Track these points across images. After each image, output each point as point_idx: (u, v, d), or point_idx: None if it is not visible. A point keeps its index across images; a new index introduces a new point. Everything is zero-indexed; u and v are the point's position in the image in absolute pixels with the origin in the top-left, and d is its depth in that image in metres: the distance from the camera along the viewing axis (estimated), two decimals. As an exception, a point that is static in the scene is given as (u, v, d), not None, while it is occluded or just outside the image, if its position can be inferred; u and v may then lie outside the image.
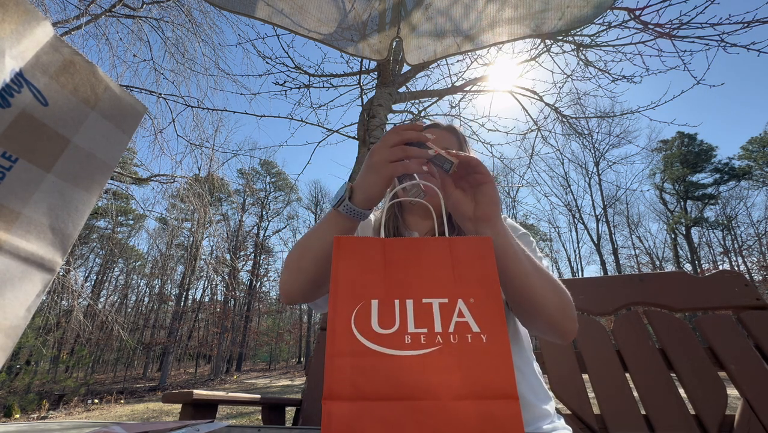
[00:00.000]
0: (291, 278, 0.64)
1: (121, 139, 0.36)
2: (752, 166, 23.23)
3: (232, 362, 21.75)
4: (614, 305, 1.15)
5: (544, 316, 0.57)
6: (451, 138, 0.83)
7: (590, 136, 4.46)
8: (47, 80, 0.31)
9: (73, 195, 0.32)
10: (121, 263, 25.14)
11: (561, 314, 0.57)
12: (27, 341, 11.50)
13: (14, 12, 0.29)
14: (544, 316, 0.57)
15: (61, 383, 13.59)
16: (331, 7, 1.39)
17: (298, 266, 0.63)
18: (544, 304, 0.56)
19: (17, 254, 0.28)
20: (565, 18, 1.25)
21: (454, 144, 0.82)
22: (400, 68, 3.19)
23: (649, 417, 0.96)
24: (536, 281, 0.56)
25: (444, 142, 0.81)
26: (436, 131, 0.84)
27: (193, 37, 6.04)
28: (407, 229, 0.84)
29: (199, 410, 1.02)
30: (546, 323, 0.58)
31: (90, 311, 11.34)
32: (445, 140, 0.82)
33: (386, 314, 0.39)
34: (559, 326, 0.58)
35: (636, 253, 25.74)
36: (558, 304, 0.57)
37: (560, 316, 0.57)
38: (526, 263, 0.56)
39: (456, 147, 0.82)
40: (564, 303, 0.58)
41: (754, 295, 1.06)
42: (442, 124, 0.87)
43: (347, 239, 0.45)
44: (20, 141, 0.29)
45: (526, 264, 0.56)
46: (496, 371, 0.36)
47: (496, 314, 0.39)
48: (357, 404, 0.34)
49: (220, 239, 10.20)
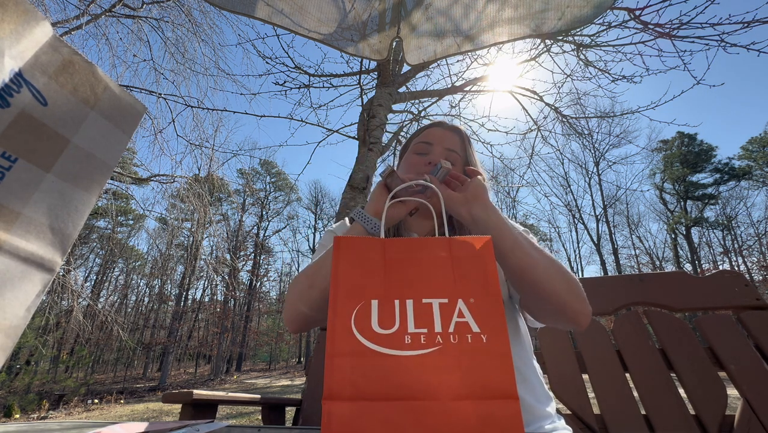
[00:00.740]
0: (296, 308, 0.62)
1: (120, 139, 0.36)
2: (752, 166, 23.23)
3: (232, 362, 21.75)
4: (614, 305, 1.15)
5: (552, 296, 0.56)
6: (454, 138, 0.83)
7: (590, 136, 4.45)
8: (46, 80, 0.31)
9: (73, 195, 0.32)
10: (121, 263, 25.15)
11: (568, 293, 0.56)
12: (27, 341, 11.50)
13: (13, 12, 0.29)
14: (553, 296, 0.56)
15: (61, 383, 13.59)
16: (331, 7, 1.39)
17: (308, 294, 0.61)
18: (548, 281, 0.55)
19: (17, 254, 0.28)
20: (565, 18, 1.25)
21: (456, 143, 0.82)
22: (400, 68, 3.19)
23: (649, 417, 0.96)
24: (538, 261, 0.56)
25: (447, 142, 0.82)
26: (438, 131, 0.84)
27: (193, 37, 6.04)
28: (407, 230, 0.84)
29: (199, 410, 1.02)
30: (555, 304, 0.57)
31: (90, 311, 11.34)
32: (447, 140, 0.82)
33: (386, 314, 0.39)
34: (569, 307, 0.57)
35: (636, 253, 25.75)
36: (563, 282, 0.56)
37: (568, 295, 0.56)
38: (522, 240, 0.57)
39: (458, 147, 0.82)
40: (570, 281, 0.57)
41: (754, 295, 1.06)
42: (446, 124, 0.87)
43: (347, 239, 0.45)
44: (20, 141, 0.29)
45: (523, 241, 0.57)
46: (496, 371, 0.36)
47: (496, 314, 0.39)
48: (357, 404, 0.34)
49: (220, 238, 10.20)
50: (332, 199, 28.38)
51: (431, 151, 0.81)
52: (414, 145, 0.85)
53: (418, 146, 0.83)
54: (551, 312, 0.60)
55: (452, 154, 0.81)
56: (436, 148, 0.81)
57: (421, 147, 0.83)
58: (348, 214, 2.37)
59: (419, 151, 0.82)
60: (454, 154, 0.81)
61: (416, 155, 0.82)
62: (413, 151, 0.84)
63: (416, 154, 0.82)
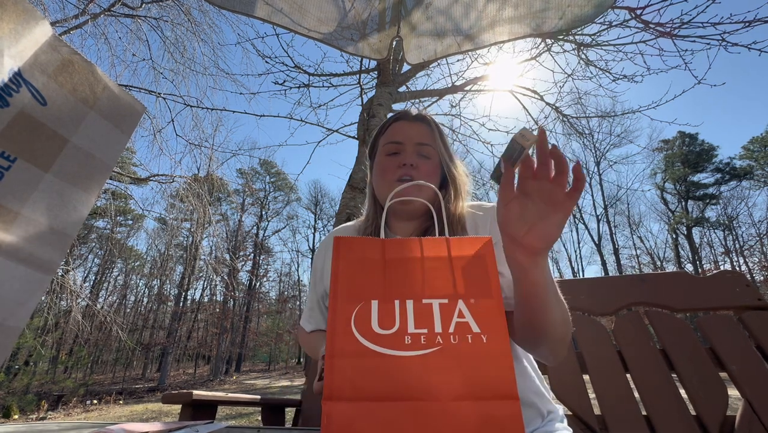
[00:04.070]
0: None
1: (119, 138, 0.36)
2: (753, 166, 23.23)
3: (231, 363, 21.74)
4: (615, 305, 1.14)
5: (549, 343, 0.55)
6: (423, 129, 0.76)
7: (591, 135, 4.46)
8: (46, 80, 0.31)
9: (72, 195, 0.32)
10: (120, 263, 25.13)
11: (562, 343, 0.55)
12: (26, 342, 11.49)
13: (13, 11, 0.29)
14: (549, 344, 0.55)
15: (59, 384, 13.58)
16: (331, 6, 1.39)
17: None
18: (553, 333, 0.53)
19: (16, 254, 0.28)
20: (565, 17, 1.25)
21: (427, 135, 0.75)
22: (400, 68, 3.19)
23: (650, 418, 0.96)
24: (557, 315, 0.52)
25: (417, 136, 0.75)
26: (405, 125, 0.77)
27: (193, 37, 6.04)
28: (390, 232, 0.79)
29: (199, 410, 1.02)
30: (547, 349, 0.56)
31: (89, 312, 11.33)
32: (417, 134, 0.75)
33: (386, 314, 0.39)
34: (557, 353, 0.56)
35: (637, 253, 25.75)
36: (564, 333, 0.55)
37: (561, 345, 0.55)
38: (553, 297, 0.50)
39: (430, 138, 0.75)
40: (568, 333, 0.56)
41: (755, 295, 1.06)
42: (411, 114, 0.79)
43: (347, 239, 0.45)
44: (19, 141, 0.29)
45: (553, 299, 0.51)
46: (496, 372, 0.36)
47: (496, 315, 0.39)
48: (357, 405, 0.34)
49: (220, 239, 10.20)
50: (332, 199, 28.39)
51: (402, 150, 0.75)
52: (383, 146, 0.78)
53: (388, 147, 0.76)
54: (532, 343, 0.58)
55: (425, 148, 0.74)
56: (407, 147, 0.74)
57: (390, 147, 0.76)
58: (348, 214, 2.37)
59: (390, 152, 0.76)
60: (427, 148, 0.75)
61: (387, 157, 0.76)
62: (383, 153, 0.77)
63: (387, 156, 0.76)
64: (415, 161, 0.73)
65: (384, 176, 0.74)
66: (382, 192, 0.75)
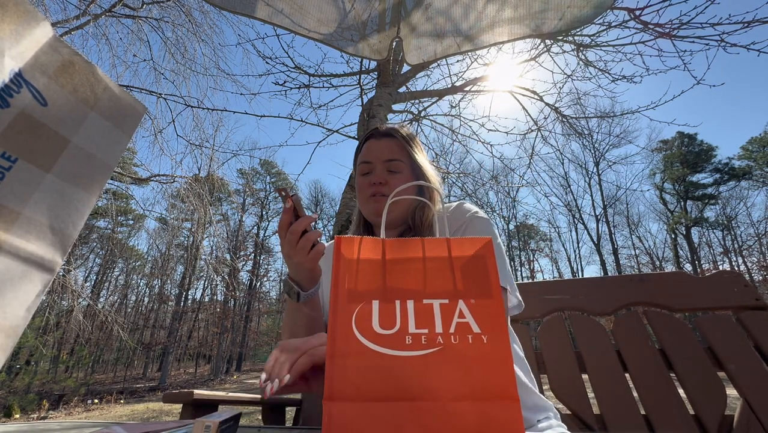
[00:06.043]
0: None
1: (120, 139, 0.36)
2: (752, 167, 23.23)
3: (232, 362, 21.74)
4: (614, 305, 1.14)
5: None
6: (391, 145, 0.79)
7: (590, 136, 4.46)
8: (46, 80, 0.31)
9: (73, 195, 0.32)
10: (120, 263, 25.13)
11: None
12: (27, 341, 11.50)
13: (14, 12, 0.29)
14: None
15: (60, 383, 13.59)
16: (331, 7, 1.39)
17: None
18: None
19: (17, 254, 0.28)
20: (565, 18, 1.25)
21: (395, 150, 0.78)
22: (400, 68, 3.19)
23: (649, 417, 0.96)
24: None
25: (384, 154, 0.78)
26: (373, 144, 0.80)
27: (193, 38, 6.04)
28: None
29: (200, 410, 1.02)
30: None
31: (90, 311, 11.33)
32: (384, 151, 0.78)
33: (387, 314, 0.39)
34: None
35: (636, 253, 25.74)
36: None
37: None
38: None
39: (398, 153, 0.78)
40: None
41: (753, 295, 1.06)
42: (379, 131, 0.82)
43: (347, 239, 0.45)
44: (19, 141, 0.29)
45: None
46: (496, 372, 0.36)
47: (497, 315, 0.39)
48: (358, 405, 0.34)
49: (220, 238, 10.20)
50: (332, 199, 28.38)
51: (372, 169, 0.78)
52: (358, 165, 0.82)
53: (361, 167, 0.80)
54: None
55: (393, 164, 0.77)
56: (376, 165, 0.78)
57: (363, 168, 0.80)
58: (348, 214, 2.37)
59: (363, 172, 0.80)
60: (395, 163, 0.77)
61: (361, 177, 0.80)
62: (359, 173, 0.81)
63: (361, 175, 0.80)
64: (384, 178, 0.77)
65: (360, 194, 0.80)
66: (362, 209, 0.81)
